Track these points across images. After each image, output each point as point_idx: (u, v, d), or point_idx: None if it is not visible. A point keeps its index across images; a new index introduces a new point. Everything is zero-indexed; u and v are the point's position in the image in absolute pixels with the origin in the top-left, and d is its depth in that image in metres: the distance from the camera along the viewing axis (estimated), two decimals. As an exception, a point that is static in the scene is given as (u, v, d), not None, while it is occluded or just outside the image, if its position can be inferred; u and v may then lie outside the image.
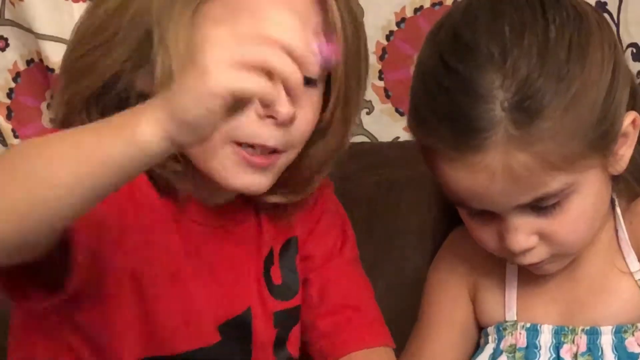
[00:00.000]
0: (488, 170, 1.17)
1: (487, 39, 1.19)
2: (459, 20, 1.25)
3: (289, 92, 0.94)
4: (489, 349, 1.34)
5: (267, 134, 1.19)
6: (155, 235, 1.22)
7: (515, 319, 1.34)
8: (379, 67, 1.98)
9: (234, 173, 1.22)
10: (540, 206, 1.21)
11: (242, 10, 1.19)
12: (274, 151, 1.22)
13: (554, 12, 1.22)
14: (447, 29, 1.25)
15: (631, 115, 1.24)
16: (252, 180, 1.23)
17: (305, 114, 1.23)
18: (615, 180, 1.29)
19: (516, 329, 1.34)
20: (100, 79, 1.22)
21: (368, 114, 1.99)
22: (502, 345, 1.33)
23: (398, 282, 1.69)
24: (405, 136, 1.94)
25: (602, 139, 1.21)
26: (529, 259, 1.25)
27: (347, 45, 1.25)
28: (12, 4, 1.96)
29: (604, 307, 1.30)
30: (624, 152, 1.25)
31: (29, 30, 1.96)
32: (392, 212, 1.79)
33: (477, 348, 1.38)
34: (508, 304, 1.35)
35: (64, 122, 1.26)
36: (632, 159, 1.28)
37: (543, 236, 1.23)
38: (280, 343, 1.35)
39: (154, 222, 1.24)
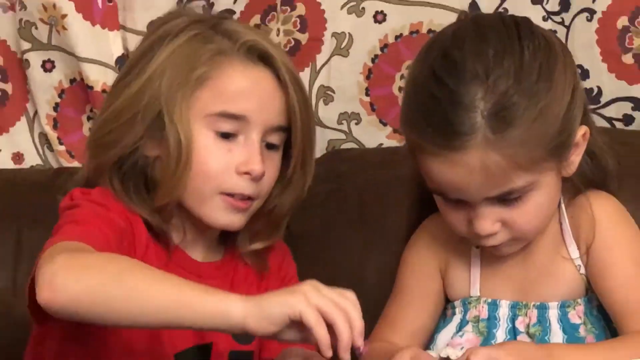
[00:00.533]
0: (467, 167, 1.27)
1: (473, 59, 1.29)
2: (449, 42, 1.35)
3: (340, 345, 1.10)
4: (456, 319, 1.45)
5: (243, 186, 1.41)
6: None
7: (479, 294, 1.44)
8: (366, 85, 2.05)
9: (222, 214, 1.43)
10: (505, 199, 1.30)
11: (222, 95, 1.41)
12: (249, 199, 1.43)
13: (528, 41, 1.32)
14: (438, 50, 1.35)
15: (582, 129, 1.35)
16: (233, 219, 1.43)
17: (270, 171, 1.44)
18: (563, 180, 1.39)
19: (479, 303, 1.44)
20: (123, 150, 1.41)
21: (356, 124, 2.06)
22: (467, 316, 1.44)
23: (385, 264, 1.71)
24: (387, 143, 2.05)
25: (560, 147, 1.32)
26: (491, 242, 1.34)
27: (302, 121, 1.45)
28: (58, 32, 2.02)
29: (551, 287, 1.41)
30: (574, 159, 1.36)
31: (71, 54, 2.02)
32: (378, 206, 1.87)
33: (444, 317, 1.49)
34: (473, 282, 1.45)
35: (92, 183, 1.45)
36: (579, 164, 1.38)
37: (505, 223, 1.33)
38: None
39: (151, 262, 1.35)
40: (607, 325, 1.42)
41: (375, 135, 2.09)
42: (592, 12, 1.98)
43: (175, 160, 1.38)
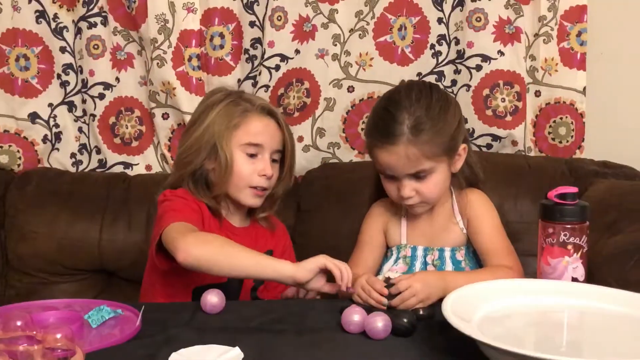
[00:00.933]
0: (397, 154, 1.30)
1: (405, 99, 1.33)
2: (394, 92, 1.38)
3: (342, 282, 1.19)
4: (393, 257, 1.43)
5: (262, 182, 1.44)
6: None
7: (406, 242, 1.43)
8: (343, 127, 2.02)
9: (250, 199, 1.45)
10: (417, 176, 1.33)
11: (248, 133, 1.42)
12: (264, 189, 1.45)
13: (436, 94, 1.36)
14: (388, 95, 1.39)
15: (463, 145, 1.38)
16: (256, 201, 1.45)
17: (274, 174, 1.46)
18: (453, 177, 1.40)
19: (406, 247, 1.42)
20: (195, 166, 1.43)
21: (338, 149, 2.03)
22: (399, 255, 1.42)
23: (353, 229, 1.56)
24: (355, 159, 2.02)
25: (450, 150, 1.35)
26: (410, 202, 1.35)
27: (290, 148, 1.48)
28: (171, 97, 1.96)
29: (446, 239, 1.41)
30: (458, 164, 1.39)
31: (178, 109, 1.97)
32: (350, 193, 1.84)
33: (386, 257, 1.46)
34: (402, 236, 1.43)
35: (175, 186, 1.45)
36: (462, 169, 1.41)
37: (417, 191, 1.34)
38: (254, 289, 1.47)
39: (209, 229, 1.39)
40: (477, 262, 1.41)
41: (348, 155, 2.06)
42: (469, 86, 1.97)
43: (224, 170, 1.42)
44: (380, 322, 1.05)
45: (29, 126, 2.05)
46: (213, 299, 1.19)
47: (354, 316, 1.08)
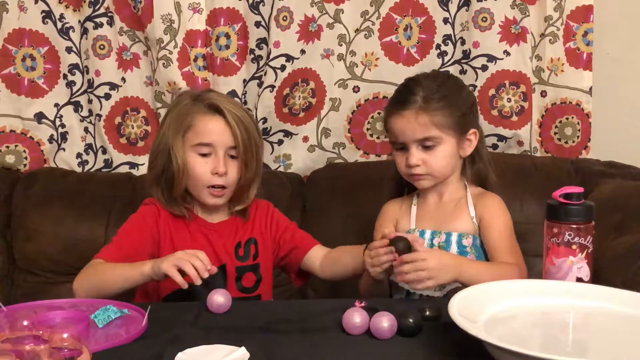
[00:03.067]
0: (407, 119, 1.39)
1: (422, 78, 1.44)
2: (414, 75, 1.48)
3: (193, 279, 1.21)
4: None
5: (218, 181, 1.45)
6: (179, 236, 1.47)
7: (415, 227, 1.47)
8: (348, 127, 2.04)
9: (210, 199, 1.46)
10: (425, 145, 1.40)
11: (199, 134, 1.44)
12: (222, 187, 1.46)
13: (452, 79, 1.48)
14: (410, 77, 1.47)
15: (473, 130, 1.44)
16: (216, 200, 1.47)
17: (232, 170, 1.46)
18: (463, 168, 1.47)
19: (414, 231, 1.46)
20: (158, 171, 1.47)
21: (343, 149, 2.05)
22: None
23: (359, 229, 1.69)
24: (360, 159, 2.04)
25: (459, 127, 1.41)
26: (416, 171, 1.41)
27: (242, 141, 1.44)
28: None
29: (455, 225, 1.44)
30: (466, 148, 1.44)
31: None
32: (354, 194, 1.86)
33: None
34: (412, 222, 1.48)
35: (149, 189, 1.51)
36: (474, 161, 1.47)
37: (424, 162, 1.40)
38: (238, 279, 1.49)
39: (176, 231, 1.47)
40: (484, 254, 1.43)
41: (353, 155, 2.08)
42: (474, 86, 1.99)
43: (179, 173, 1.45)
44: (386, 322, 1.05)
45: (35, 126, 2.06)
46: (219, 298, 1.20)
47: (355, 319, 1.08)
